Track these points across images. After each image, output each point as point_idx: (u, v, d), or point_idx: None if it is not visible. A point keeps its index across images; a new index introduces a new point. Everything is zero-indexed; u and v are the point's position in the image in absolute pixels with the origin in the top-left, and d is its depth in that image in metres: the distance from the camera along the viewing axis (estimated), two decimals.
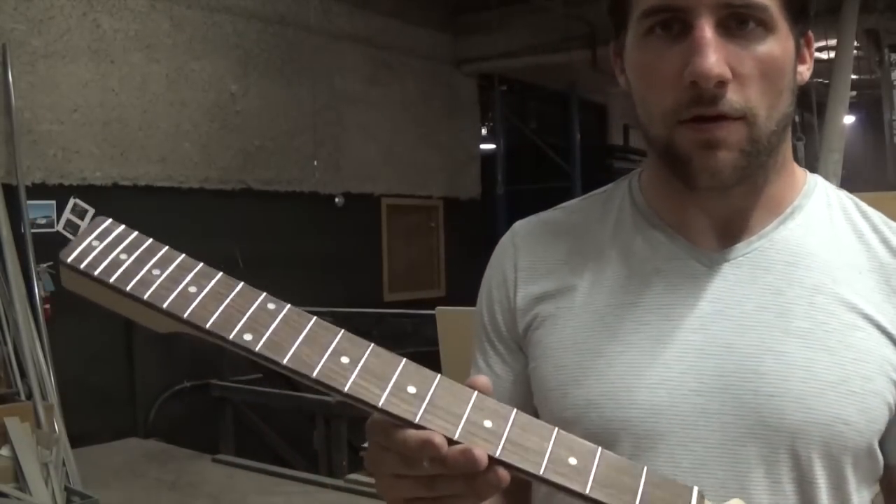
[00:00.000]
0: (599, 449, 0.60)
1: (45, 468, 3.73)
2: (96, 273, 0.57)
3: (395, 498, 0.64)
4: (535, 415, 0.84)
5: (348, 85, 6.69)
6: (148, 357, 5.18)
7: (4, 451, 3.68)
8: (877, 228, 0.85)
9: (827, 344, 0.78)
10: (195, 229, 5.56)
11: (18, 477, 3.63)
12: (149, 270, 0.61)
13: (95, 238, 0.60)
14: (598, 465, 0.59)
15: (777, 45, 0.77)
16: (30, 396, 3.99)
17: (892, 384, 0.80)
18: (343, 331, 0.61)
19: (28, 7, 4.76)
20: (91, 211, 5.07)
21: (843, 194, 0.89)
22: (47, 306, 4.52)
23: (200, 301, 0.58)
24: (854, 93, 5.58)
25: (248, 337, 0.59)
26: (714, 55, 0.73)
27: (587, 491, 0.57)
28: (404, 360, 0.60)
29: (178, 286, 0.59)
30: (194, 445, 4.81)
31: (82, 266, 0.56)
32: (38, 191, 4.80)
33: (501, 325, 0.91)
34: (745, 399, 0.76)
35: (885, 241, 0.84)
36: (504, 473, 0.57)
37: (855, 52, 5.14)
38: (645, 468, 0.60)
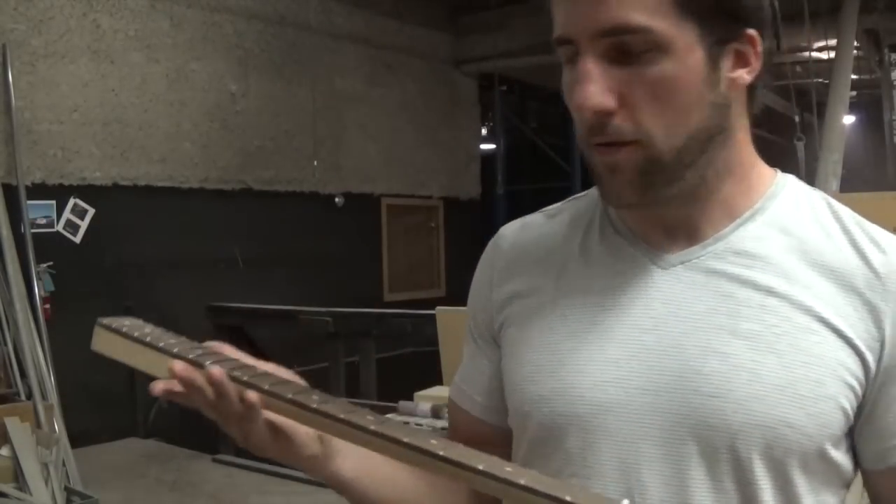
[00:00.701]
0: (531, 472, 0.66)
1: (45, 468, 3.73)
2: (135, 334, 0.80)
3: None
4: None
5: (348, 85, 6.70)
6: None
7: (4, 451, 3.68)
8: (847, 229, 0.85)
9: (775, 347, 0.78)
10: (195, 229, 5.57)
11: (18, 477, 3.63)
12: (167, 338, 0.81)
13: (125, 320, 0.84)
14: (531, 474, 0.65)
15: (672, 64, 0.76)
16: (30, 396, 3.99)
17: (849, 389, 0.80)
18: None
19: (28, 7, 4.76)
20: (91, 211, 5.08)
21: (818, 195, 0.89)
22: (47, 306, 4.52)
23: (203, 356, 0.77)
24: (854, 93, 5.58)
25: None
26: (592, 86, 0.75)
27: (523, 482, 0.63)
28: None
29: (190, 347, 0.79)
30: (194, 445, 4.81)
31: (121, 328, 0.81)
32: (38, 191, 4.80)
33: (482, 322, 0.95)
34: (688, 398, 0.77)
35: (853, 242, 0.84)
36: (251, 396, 0.75)
37: (855, 52, 5.14)
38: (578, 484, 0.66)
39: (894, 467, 0.82)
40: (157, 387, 0.77)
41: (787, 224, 0.85)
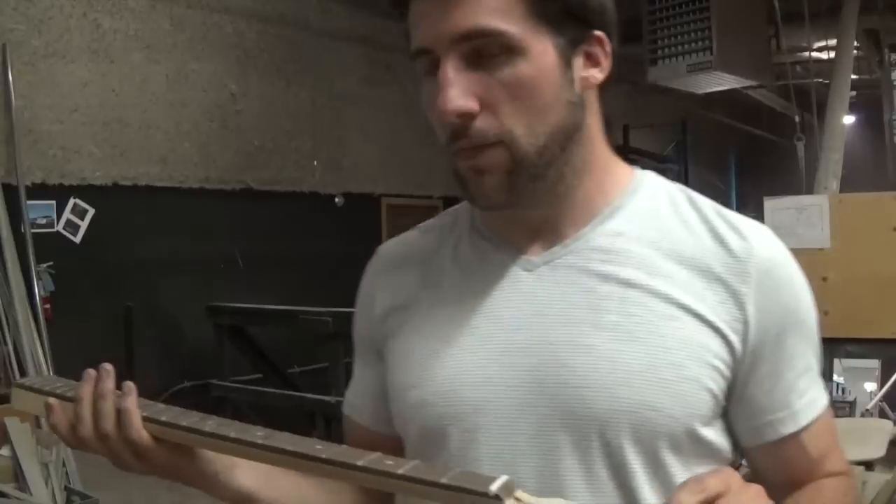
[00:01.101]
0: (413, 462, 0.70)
1: (45, 468, 3.73)
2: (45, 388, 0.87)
3: (107, 453, 0.84)
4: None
5: (348, 85, 6.70)
6: (148, 357, 5.18)
7: (4, 451, 3.68)
8: (706, 219, 0.89)
9: (636, 335, 0.82)
10: (195, 229, 5.57)
11: (18, 477, 3.63)
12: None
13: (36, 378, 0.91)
14: (413, 464, 0.70)
15: (528, 65, 0.80)
16: None
17: (714, 370, 0.83)
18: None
19: (28, 7, 4.76)
20: (91, 211, 5.08)
21: (677, 188, 0.93)
22: (47, 306, 4.52)
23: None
24: (854, 93, 5.57)
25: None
26: (453, 90, 0.78)
27: (400, 472, 0.67)
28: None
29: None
30: None
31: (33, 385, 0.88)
32: (38, 191, 4.80)
33: (366, 337, 0.99)
34: (556, 391, 0.81)
35: (711, 230, 0.87)
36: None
37: (855, 52, 5.14)
38: (458, 470, 0.69)
39: (768, 443, 0.87)
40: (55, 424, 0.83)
41: (647, 218, 0.89)
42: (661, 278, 0.85)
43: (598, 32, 0.85)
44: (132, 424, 0.81)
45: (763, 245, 0.87)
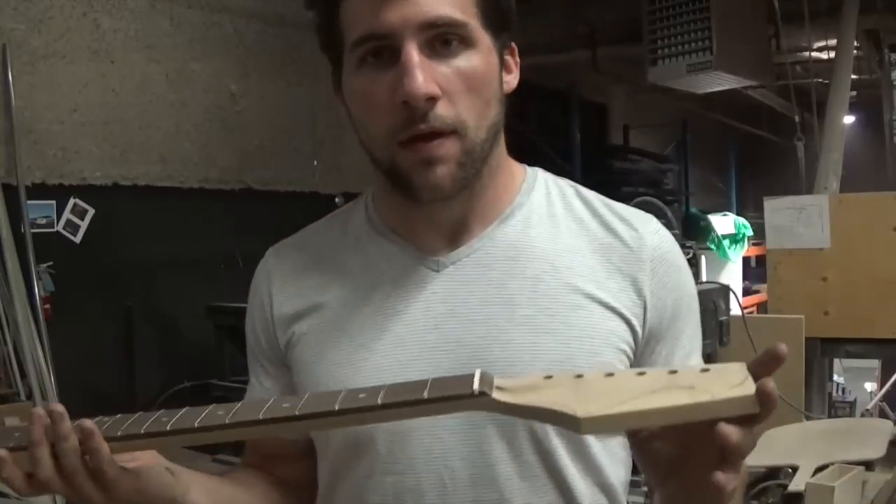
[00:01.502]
0: (385, 385, 0.70)
1: None
2: None
3: (70, 494, 0.78)
4: None
5: None
6: (148, 357, 5.18)
7: None
8: (596, 212, 0.93)
9: (550, 327, 0.85)
10: (195, 229, 5.57)
11: None
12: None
13: None
14: (387, 387, 0.69)
15: (479, 59, 0.84)
16: (30, 396, 3.99)
17: (622, 353, 0.87)
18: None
19: (28, 7, 4.76)
20: (91, 211, 5.07)
21: (565, 183, 0.97)
22: (47, 306, 4.52)
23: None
24: (854, 93, 5.57)
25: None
26: (421, 75, 0.80)
27: (379, 402, 0.67)
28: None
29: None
30: (194, 446, 4.81)
31: None
32: (38, 191, 4.80)
33: (265, 345, 0.99)
34: None
35: (603, 223, 0.92)
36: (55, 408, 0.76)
37: (855, 52, 5.14)
38: (430, 378, 0.69)
39: None
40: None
41: (544, 214, 0.92)
42: (566, 270, 0.88)
43: (512, 43, 0.91)
44: (102, 455, 0.77)
45: (653, 234, 0.91)
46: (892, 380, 3.46)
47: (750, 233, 6.48)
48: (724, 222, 6.39)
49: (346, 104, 0.95)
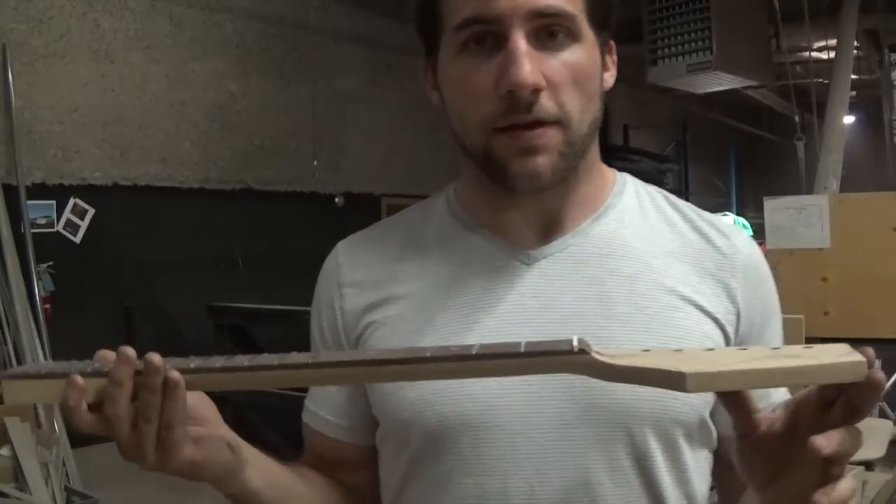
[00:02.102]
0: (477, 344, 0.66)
1: (45, 468, 3.73)
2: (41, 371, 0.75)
3: (147, 455, 0.74)
4: (373, 428, 0.91)
5: (348, 85, 6.70)
6: None
7: (4, 451, 3.68)
8: (688, 218, 0.91)
9: (649, 326, 0.82)
10: (195, 229, 5.57)
11: (18, 477, 3.63)
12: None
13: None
14: (478, 346, 0.66)
15: (585, 53, 0.81)
16: None
17: None
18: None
19: (28, 7, 4.76)
20: (91, 211, 5.08)
21: (653, 189, 0.95)
22: (47, 306, 4.52)
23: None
24: (854, 93, 5.58)
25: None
26: (529, 65, 0.77)
27: (474, 352, 0.64)
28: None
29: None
30: None
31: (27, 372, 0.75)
32: (38, 191, 4.80)
33: (329, 339, 0.94)
34: (575, 384, 0.79)
35: (696, 229, 0.90)
36: (172, 375, 0.70)
37: (855, 52, 5.14)
38: (524, 342, 0.66)
39: None
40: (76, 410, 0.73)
41: (637, 216, 0.90)
42: (662, 272, 0.86)
43: (612, 42, 0.88)
44: (178, 411, 0.72)
45: (744, 242, 0.90)
46: (893, 380, 3.47)
47: (750, 233, 6.49)
48: None
49: (438, 91, 0.88)
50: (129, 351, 0.72)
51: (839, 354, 0.60)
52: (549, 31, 0.79)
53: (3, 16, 4.65)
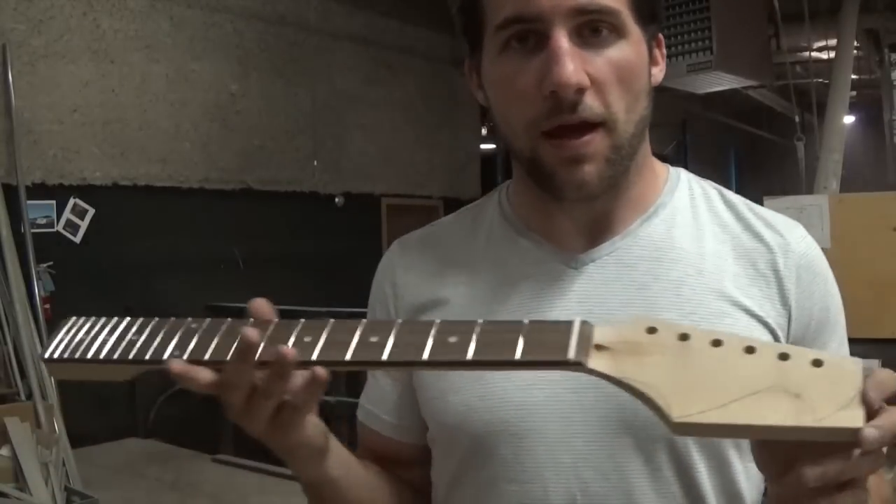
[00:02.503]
0: (479, 321, 0.64)
1: (45, 468, 3.73)
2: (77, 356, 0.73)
3: (255, 425, 0.71)
4: (425, 428, 0.90)
5: (348, 85, 6.70)
6: None
7: (4, 451, 3.68)
8: (741, 216, 0.88)
9: None
10: (195, 229, 5.57)
11: (18, 477, 3.63)
12: (121, 336, 0.77)
13: (64, 333, 0.77)
14: (477, 334, 0.63)
15: (630, 49, 0.79)
16: (30, 396, 3.99)
17: None
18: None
19: (28, 7, 4.76)
20: (91, 211, 5.08)
21: (708, 184, 0.92)
22: (47, 306, 4.52)
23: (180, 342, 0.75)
24: (854, 93, 5.57)
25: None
26: (571, 64, 0.75)
27: (469, 358, 0.62)
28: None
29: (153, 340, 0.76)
30: (194, 445, 4.81)
31: (64, 356, 0.73)
32: (38, 191, 4.80)
33: None
34: (616, 392, 0.76)
35: (749, 228, 0.87)
36: (320, 372, 0.66)
37: (855, 52, 5.14)
38: (527, 321, 0.64)
39: None
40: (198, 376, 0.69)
41: (688, 215, 0.88)
42: (710, 275, 0.84)
43: (660, 34, 0.86)
44: (315, 398, 0.70)
45: (799, 241, 0.87)
46: None
47: None
48: None
49: (483, 90, 0.86)
50: (252, 334, 0.70)
51: (840, 403, 0.57)
52: (593, 28, 0.77)
53: (3, 16, 4.65)
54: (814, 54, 5.38)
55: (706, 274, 0.84)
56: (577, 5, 0.76)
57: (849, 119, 5.92)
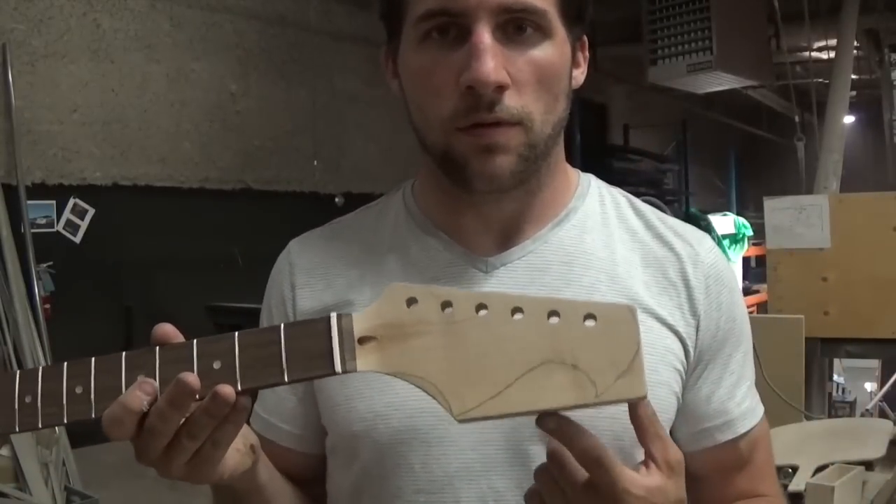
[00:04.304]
0: (235, 334, 0.60)
1: (45, 468, 3.73)
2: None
3: (171, 466, 0.66)
4: (324, 434, 0.86)
5: (348, 85, 6.69)
6: None
7: (4, 451, 3.67)
8: (650, 224, 0.87)
9: None
10: (195, 229, 5.57)
11: (18, 477, 3.62)
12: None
13: None
14: (240, 355, 0.59)
15: (554, 50, 0.77)
16: None
17: (677, 373, 0.82)
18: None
19: (28, 7, 4.76)
20: (91, 211, 5.07)
21: (617, 192, 0.91)
22: (47, 306, 4.52)
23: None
24: (854, 93, 5.57)
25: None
26: (492, 61, 0.73)
27: (239, 388, 0.58)
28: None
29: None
30: None
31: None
32: (38, 191, 4.80)
33: None
34: None
35: (658, 237, 0.86)
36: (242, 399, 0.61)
37: (855, 52, 5.14)
38: (281, 326, 0.59)
39: (704, 450, 0.84)
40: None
41: (598, 222, 0.87)
42: (622, 281, 0.83)
43: (585, 37, 0.84)
44: (227, 438, 0.65)
45: (708, 252, 0.87)
46: (892, 380, 3.46)
47: (750, 233, 6.48)
48: (724, 222, 6.39)
49: (399, 79, 0.85)
50: (191, 378, 0.61)
51: (620, 368, 0.55)
52: (518, 26, 0.75)
53: (3, 16, 4.65)
54: (814, 54, 5.38)
55: (618, 280, 0.83)
56: (504, 3, 0.74)
57: (849, 119, 5.92)
